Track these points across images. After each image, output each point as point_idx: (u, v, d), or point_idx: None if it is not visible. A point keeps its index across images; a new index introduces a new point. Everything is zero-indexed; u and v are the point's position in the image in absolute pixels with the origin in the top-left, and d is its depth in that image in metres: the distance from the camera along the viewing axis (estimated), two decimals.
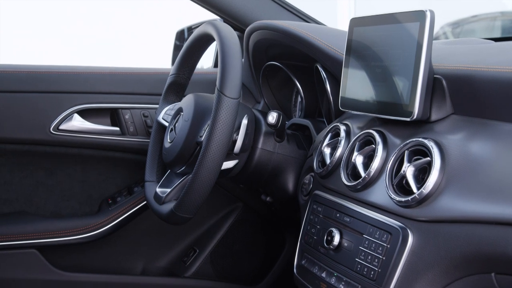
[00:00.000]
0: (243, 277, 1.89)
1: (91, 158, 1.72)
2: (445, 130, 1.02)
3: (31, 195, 1.70)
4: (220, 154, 1.18)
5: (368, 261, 1.04)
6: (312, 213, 1.24)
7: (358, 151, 1.14)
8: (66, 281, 1.66)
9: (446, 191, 0.94)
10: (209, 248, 1.85)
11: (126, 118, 1.70)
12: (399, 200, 1.00)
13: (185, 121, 1.36)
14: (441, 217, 0.93)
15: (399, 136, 1.08)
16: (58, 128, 1.63)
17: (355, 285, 1.06)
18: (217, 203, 1.86)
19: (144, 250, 1.83)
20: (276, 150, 1.41)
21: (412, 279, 0.97)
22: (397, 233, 0.99)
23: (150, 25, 3.85)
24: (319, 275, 1.16)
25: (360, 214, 1.09)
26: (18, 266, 1.62)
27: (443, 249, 0.92)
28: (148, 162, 1.50)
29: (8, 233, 1.60)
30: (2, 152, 1.63)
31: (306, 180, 1.35)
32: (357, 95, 1.17)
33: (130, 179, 1.78)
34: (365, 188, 1.10)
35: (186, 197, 1.22)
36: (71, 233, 1.66)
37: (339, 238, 1.12)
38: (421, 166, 0.99)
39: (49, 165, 1.70)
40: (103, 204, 1.75)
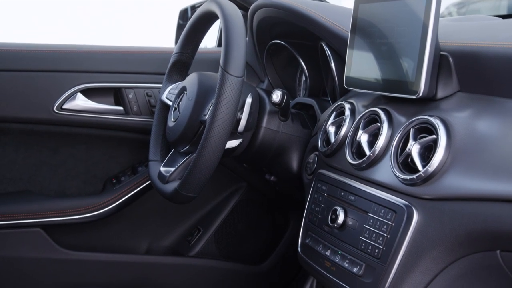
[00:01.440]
0: (247, 256, 1.90)
1: (95, 137, 1.72)
2: (451, 108, 1.01)
3: (35, 175, 1.70)
4: (224, 133, 1.18)
5: (372, 239, 1.04)
6: (317, 192, 1.24)
7: (363, 130, 1.14)
8: (70, 259, 1.67)
9: (451, 169, 0.94)
10: (213, 228, 1.86)
11: (130, 98, 1.70)
12: (404, 178, 0.99)
13: (189, 100, 1.36)
14: (447, 195, 0.93)
15: (405, 114, 1.07)
16: (61, 108, 1.62)
17: (359, 263, 1.06)
18: (221, 183, 1.86)
19: (148, 230, 1.84)
20: (280, 129, 1.41)
21: (417, 257, 0.96)
22: (401, 211, 0.99)
23: (153, 3, 3.82)
24: (323, 254, 1.16)
25: (365, 192, 1.09)
26: (23, 245, 1.62)
27: (448, 227, 0.92)
28: (152, 142, 1.50)
29: (13, 211, 1.61)
30: (6, 131, 1.63)
31: (311, 159, 1.35)
32: (362, 73, 1.16)
33: (134, 158, 1.78)
34: (370, 167, 1.09)
35: (190, 176, 1.21)
36: (76, 212, 1.66)
37: (344, 217, 1.12)
38: (426, 144, 0.99)
39: (53, 144, 1.70)
40: (107, 184, 1.75)
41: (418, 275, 0.97)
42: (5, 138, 1.64)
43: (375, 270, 1.02)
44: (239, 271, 1.87)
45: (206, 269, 1.83)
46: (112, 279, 1.69)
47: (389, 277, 0.99)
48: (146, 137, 1.58)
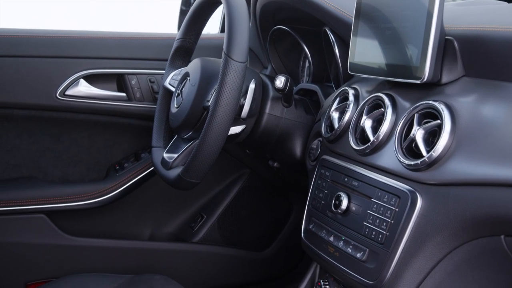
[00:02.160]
0: (250, 242, 1.90)
1: (98, 124, 1.72)
2: (456, 93, 1.00)
3: (39, 161, 1.70)
4: (227, 119, 1.17)
5: (376, 225, 1.04)
6: (320, 177, 1.23)
7: (367, 115, 1.13)
8: (74, 245, 1.68)
9: (456, 154, 0.93)
10: (216, 214, 1.86)
11: (133, 84, 1.69)
12: (408, 163, 0.99)
13: (191, 85, 1.35)
14: (451, 180, 0.92)
15: (409, 99, 1.07)
16: (64, 94, 1.62)
17: (363, 249, 1.06)
18: (224, 169, 1.86)
19: (151, 216, 1.84)
20: (283, 115, 1.40)
21: (421, 242, 0.96)
22: (405, 196, 0.99)
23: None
24: (327, 239, 1.16)
25: (369, 178, 1.08)
26: (27, 231, 1.63)
27: (453, 212, 0.91)
28: (155, 128, 1.49)
29: (17, 198, 1.61)
30: (9, 117, 1.63)
31: (314, 145, 1.34)
32: (367, 58, 1.15)
33: (137, 145, 1.78)
34: (374, 152, 1.09)
35: (193, 162, 1.21)
36: (79, 199, 1.67)
37: (347, 202, 1.11)
38: (431, 129, 0.98)
39: (56, 131, 1.70)
40: (111, 170, 1.76)
41: (422, 260, 0.97)
42: (8, 124, 1.64)
43: (379, 255, 1.02)
44: (242, 257, 1.88)
45: (209, 255, 1.84)
46: (115, 265, 1.70)
47: (392, 262, 0.99)
48: (149, 124, 1.58)
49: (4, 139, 1.65)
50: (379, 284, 1.01)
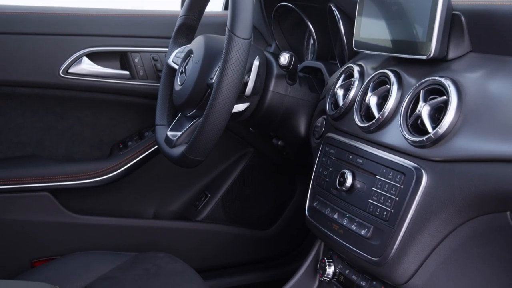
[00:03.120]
0: (254, 221, 1.90)
1: (101, 102, 1.71)
2: (462, 68, 0.99)
3: (42, 139, 1.70)
4: (231, 96, 1.16)
5: (381, 202, 1.03)
6: (325, 155, 1.23)
7: (372, 92, 1.12)
8: (79, 223, 1.68)
9: (462, 131, 0.92)
10: (220, 193, 1.86)
11: (136, 62, 1.68)
12: (413, 140, 0.98)
13: (195, 63, 1.34)
14: (457, 156, 0.92)
15: (415, 75, 1.06)
16: (67, 72, 1.61)
17: (367, 226, 1.06)
18: (228, 148, 1.86)
19: (155, 195, 1.85)
20: (288, 93, 1.39)
21: (425, 219, 0.96)
22: (411, 173, 0.98)
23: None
24: (331, 217, 1.16)
25: (374, 155, 1.08)
26: (31, 208, 1.63)
27: (458, 189, 0.91)
28: (159, 106, 1.49)
29: (21, 176, 1.61)
30: (12, 95, 1.63)
31: (318, 123, 1.34)
32: (372, 34, 1.14)
33: (141, 123, 1.77)
34: (379, 129, 1.08)
35: (197, 140, 1.21)
36: (83, 177, 1.67)
37: (352, 180, 1.11)
38: (437, 106, 0.97)
39: (59, 109, 1.69)
40: (114, 149, 1.75)
41: (427, 237, 0.97)
42: (11, 102, 1.64)
43: (383, 232, 1.02)
44: (246, 235, 1.88)
45: (213, 233, 1.84)
46: (119, 243, 1.70)
47: (397, 239, 0.99)
48: (152, 102, 1.57)
49: (8, 117, 1.65)
50: (383, 261, 1.01)
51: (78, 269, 1.44)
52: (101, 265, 1.46)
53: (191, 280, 1.39)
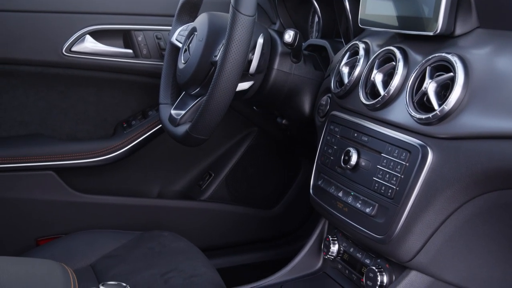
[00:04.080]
0: (258, 200, 1.91)
1: (105, 81, 1.70)
2: (469, 45, 0.98)
3: (46, 118, 1.69)
4: (235, 74, 1.16)
5: (386, 180, 1.03)
6: (329, 133, 1.22)
7: (378, 69, 1.11)
8: (83, 202, 1.68)
9: (468, 108, 0.92)
10: (224, 172, 1.86)
11: (139, 40, 1.67)
12: (419, 117, 0.97)
13: (199, 40, 1.33)
14: (463, 133, 0.91)
15: (421, 52, 1.04)
16: (70, 50, 1.60)
17: (372, 204, 1.05)
18: (232, 127, 1.85)
19: (160, 174, 1.85)
20: (292, 71, 1.38)
21: (431, 197, 0.96)
22: (416, 151, 0.98)
23: None
24: (336, 195, 1.15)
25: (379, 133, 1.07)
26: (35, 187, 1.64)
27: (464, 166, 0.90)
28: (162, 85, 1.48)
29: (25, 154, 1.61)
30: (15, 73, 1.62)
31: (323, 101, 1.33)
32: (378, 10, 1.13)
33: (144, 102, 1.77)
34: (384, 107, 1.07)
35: (201, 118, 1.20)
36: (87, 156, 1.67)
37: (357, 158, 1.11)
38: (443, 82, 0.96)
39: (62, 88, 1.68)
40: (118, 128, 1.75)
41: (432, 214, 0.96)
42: (14, 80, 1.63)
43: (388, 210, 1.02)
44: (250, 215, 1.89)
45: (217, 213, 1.84)
46: (124, 222, 1.71)
47: (402, 217, 0.99)
48: (156, 81, 1.56)
49: (11, 96, 1.64)
50: (388, 239, 1.01)
51: (83, 247, 1.45)
52: (106, 243, 1.47)
53: (196, 258, 1.40)
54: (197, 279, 1.29)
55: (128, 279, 1.29)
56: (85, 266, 1.39)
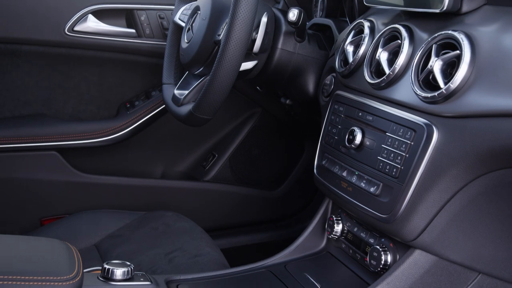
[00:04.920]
0: (261, 181, 1.90)
1: (107, 61, 1.69)
2: (476, 22, 0.96)
3: (49, 98, 1.69)
4: (239, 53, 1.15)
5: (390, 159, 1.02)
6: (333, 113, 1.21)
7: (383, 48, 1.10)
8: (87, 182, 1.68)
9: (475, 86, 0.91)
10: (228, 153, 1.86)
11: (142, 20, 1.66)
12: (425, 96, 0.97)
13: (202, 19, 1.32)
14: (469, 112, 0.90)
15: (427, 30, 1.03)
16: (72, 29, 1.59)
17: (376, 183, 1.05)
18: (235, 108, 1.84)
19: (163, 155, 1.84)
20: (296, 51, 1.37)
21: (436, 176, 0.95)
22: (421, 130, 0.97)
23: None
24: (340, 174, 1.15)
25: (384, 112, 1.06)
26: (39, 167, 1.64)
27: (469, 144, 0.90)
28: (165, 64, 1.47)
29: (28, 134, 1.61)
30: (18, 53, 1.61)
31: (327, 81, 1.32)
32: None
33: (148, 82, 1.76)
34: (389, 86, 1.07)
35: (204, 98, 1.20)
36: (91, 136, 1.66)
37: (361, 137, 1.10)
38: (449, 60, 0.95)
39: (65, 68, 1.68)
40: (121, 108, 1.74)
41: (437, 194, 0.96)
42: (17, 60, 1.62)
43: (393, 189, 1.01)
44: (254, 196, 1.89)
45: (221, 194, 1.84)
46: (127, 202, 1.71)
47: (406, 196, 0.99)
48: (159, 61, 1.55)
49: (14, 75, 1.64)
50: (392, 218, 1.01)
51: (87, 227, 1.45)
52: (110, 223, 1.47)
53: (200, 238, 1.40)
54: (201, 259, 1.29)
55: (132, 258, 1.29)
56: (89, 246, 1.40)
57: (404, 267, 1.02)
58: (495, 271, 1.02)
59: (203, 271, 1.20)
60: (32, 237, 0.94)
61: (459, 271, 1.01)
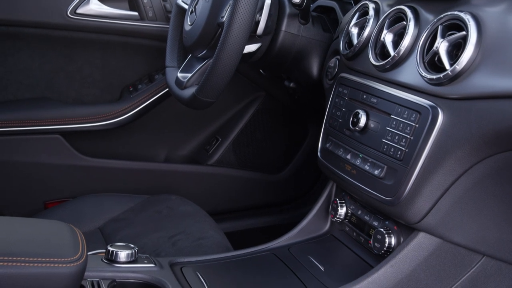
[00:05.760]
0: (265, 165, 1.90)
1: (110, 44, 1.69)
2: (483, 3, 0.95)
3: (52, 81, 1.68)
4: (242, 35, 1.14)
5: (395, 142, 1.02)
6: (338, 96, 1.21)
7: (388, 29, 1.09)
8: (90, 166, 1.68)
9: (481, 67, 0.90)
10: (231, 137, 1.85)
11: (145, 3, 1.65)
12: (430, 77, 0.96)
13: (205, 1, 1.31)
14: (475, 93, 0.90)
15: (433, 11, 1.02)
16: (75, 12, 1.58)
17: (380, 166, 1.05)
18: (239, 92, 1.83)
19: (166, 138, 1.84)
20: (300, 33, 1.36)
21: (441, 158, 0.95)
22: (426, 112, 0.96)
23: None
24: (344, 157, 1.14)
25: (388, 94, 1.06)
26: (42, 151, 1.63)
27: (475, 126, 0.89)
28: (169, 47, 1.46)
29: (32, 118, 1.61)
30: (20, 35, 1.60)
31: (332, 64, 1.31)
32: None
33: (151, 66, 1.75)
34: (394, 68, 1.06)
35: (207, 81, 1.19)
36: (94, 120, 1.66)
37: (365, 120, 1.09)
38: (455, 41, 0.94)
39: (68, 50, 1.67)
40: (125, 92, 1.74)
41: (441, 176, 0.95)
42: (19, 43, 1.62)
43: (397, 172, 1.01)
44: (257, 179, 1.88)
45: (224, 177, 1.84)
46: (131, 186, 1.71)
47: (411, 178, 0.98)
48: (162, 44, 1.54)
49: (16, 58, 1.63)
50: (397, 201, 1.01)
51: (91, 210, 1.46)
52: (113, 206, 1.47)
53: (203, 221, 1.40)
54: (204, 242, 1.30)
55: (136, 241, 1.29)
56: (93, 229, 1.40)
57: (408, 249, 1.02)
58: (499, 253, 1.02)
59: (207, 254, 1.21)
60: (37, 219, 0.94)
61: (463, 254, 1.01)
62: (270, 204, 1.93)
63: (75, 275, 0.83)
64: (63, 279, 0.82)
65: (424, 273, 1.01)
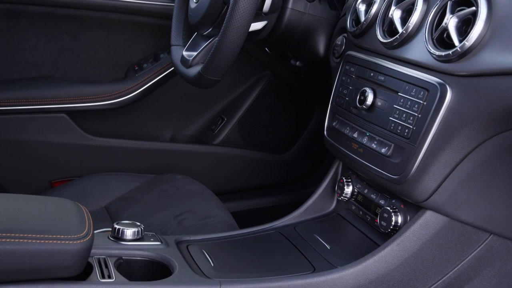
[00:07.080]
0: (271, 145, 1.90)
1: (115, 22, 1.68)
2: None
3: (57, 60, 1.68)
4: (248, 13, 1.13)
5: (402, 119, 1.01)
6: (345, 74, 1.20)
7: (396, 5, 1.08)
8: (96, 145, 1.68)
9: (490, 43, 0.89)
10: (237, 117, 1.85)
11: None
12: (439, 54, 0.95)
13: None
14: (484, 70, 0.88)
15: None
16: None
17: (388, 144, 1.04)
18: (244, 71, 1.82)
19: (172, 118, 1.84)
20: (307, 11, 1.35)
21: (448, 136, 0.94)
22: (434, 89, 0.95)
23: None
24: (351, 136, 1.14)
25: (396, 72, 1.05)
26: (48, 129, 1.64)
27: (484, 103, 0.88)
28: (174, 26, 1.45)
29: (37, 96, 1.61)
30: (25, 13, 1.59)
31: (338, 42, 1.30)
32: None
33: (156, 45, 1.74)
34: (402, 45, 1.05)
35: (213, 59, 1.18)
36: (99, 99, 1.66)
37: (373, 98, 1.08)
38: (465, 17, 0.93)
39: (73, 29, 1.66)
40: (130, 71, 1.73)
41: (449, 153, 0.95)
42: (24, 21, 1.61)
43: (404, 150, 1.00)
44: (263, 159, 1.88)
45: (230, 157, 1.84)
46: (137, 165, 1.71)
47: (418, 156, 0.98)
48: (167, 22, 1.53)
49: (21, 37, 1.62)
50: (404, 179, 1.00)
51: (97, 189, 1.46)
52: (119, 186, 1.48)
53: (209, 200, 1.40)
54: (210, 221, 1.30)
55: (142, 220, 1.29)
56: (99, 208, 1.41)
57: (414, 228, 1.01)
58: (507, 232, 1.01)
59: (213, 232, 1.21)
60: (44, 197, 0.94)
61: (470, 232, 1.01)
62: (276, 184, 1.93)
63: (81, 252, 0.84)
64: (70, 255, 0.83)
65: (430, 252, 1.01)
